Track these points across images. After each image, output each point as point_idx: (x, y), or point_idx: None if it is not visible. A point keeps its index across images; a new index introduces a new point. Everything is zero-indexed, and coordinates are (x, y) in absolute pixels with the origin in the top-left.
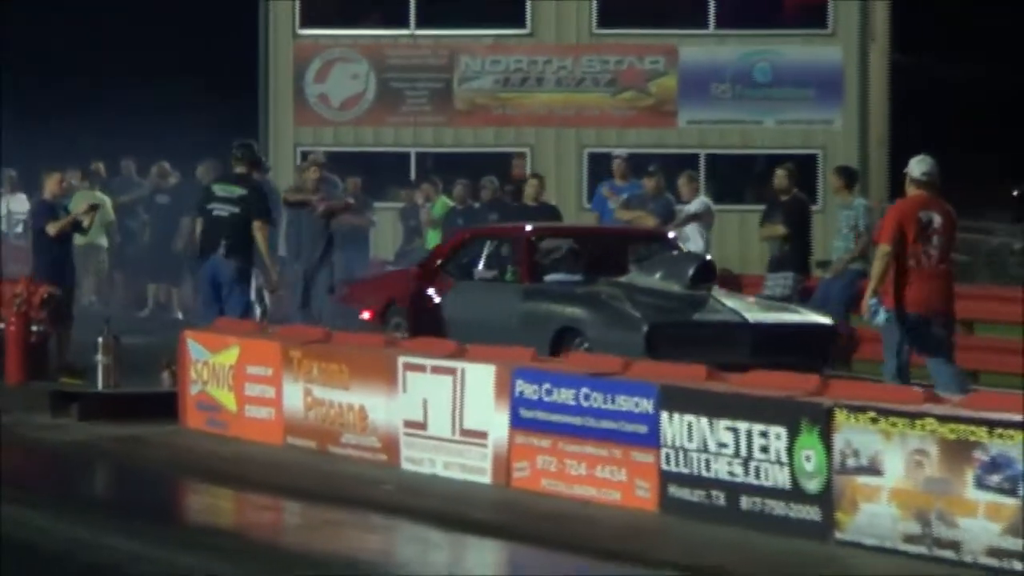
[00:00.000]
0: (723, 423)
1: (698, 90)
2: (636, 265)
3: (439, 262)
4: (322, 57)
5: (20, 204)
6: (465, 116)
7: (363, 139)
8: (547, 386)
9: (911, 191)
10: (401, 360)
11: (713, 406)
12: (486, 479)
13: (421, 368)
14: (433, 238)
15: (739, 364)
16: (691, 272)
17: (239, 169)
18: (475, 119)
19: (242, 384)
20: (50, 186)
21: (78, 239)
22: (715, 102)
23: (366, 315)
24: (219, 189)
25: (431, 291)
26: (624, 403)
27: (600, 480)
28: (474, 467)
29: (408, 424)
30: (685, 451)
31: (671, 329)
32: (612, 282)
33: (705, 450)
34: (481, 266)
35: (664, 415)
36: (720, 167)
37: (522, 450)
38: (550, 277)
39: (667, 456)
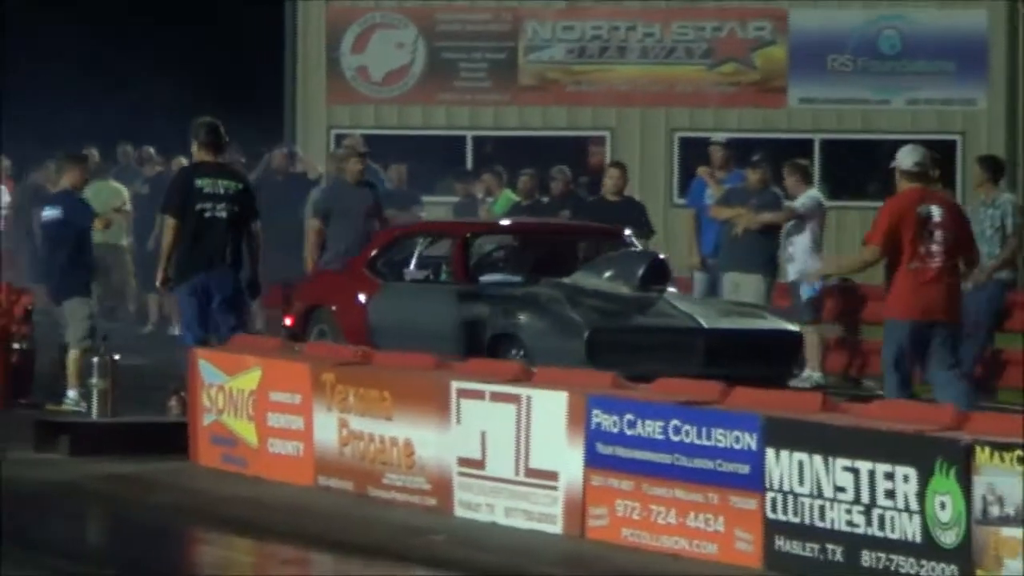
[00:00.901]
0: (840, 462)
1: (812, 63)
2: (584, 265)
3: (367, 262)
4: (361, 22)
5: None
6: (532, 93)
7: (410, 120)
8: (629, 417)
9: (903, 185)
10: (455, 385)
11: (829, 442)
12: (556, 528)
13: (479, 395)
14: None
15: (693, 373)
16: (641, 272)
17: (206, 156)
18: (544, 97)
19: (264, 413)
20: (72, 177)
21: (96, 237)
22: (832, 77)
23: (287, 321)
24: (206, 184)
25: (358, 294)
26: (722, 438)
27: (693, 530)
28: (542, 514)
29: (463, 462)
30: (795, 496)
31: (615, 335)
32: (554, 283)
33: (819, 495)
34: (412, 267)
35: (770, 452)
36: (838, 155)
37: (599, 493)
38: (486, 278)
39: (773, 502)
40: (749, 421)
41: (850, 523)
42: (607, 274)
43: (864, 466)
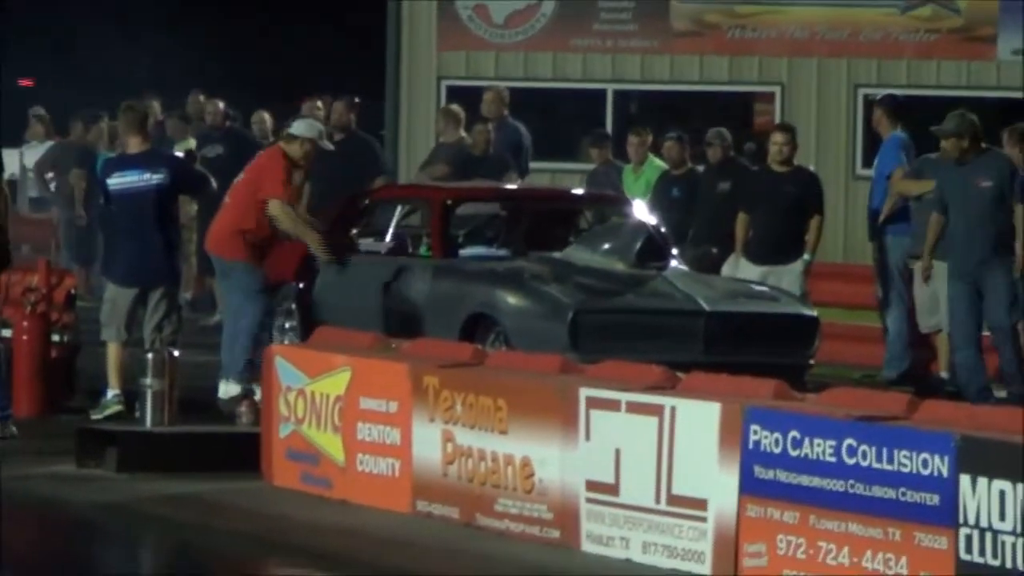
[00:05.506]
0: None
1: None
2: (578, 238)
3: (335, 231)
4: None
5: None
6: (686, 40)
7: (538, 70)
8: (794, 434)
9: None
10: (584, 393)
11: None
12: (704, 568)
13: (613, 405)
14: None
15: (691, 361)
16: (638, 246)
17: None
18: (701, 44)
19: (353, 424)
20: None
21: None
22: None
23: None
24: None
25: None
26: (907, 461)
27: (870, 572)
28: (687, 550)
29: (592, 486)
30: (994, 533)
31: (602, 317)
32: (542, 258)
33: (1022, 533)
34: (387, 237)
35: (964, 480)
36: None
37: (757, 526)
38: (467, 251)
39: (967, 539)
40: (940, 441)
41: None
42: (603, 248)
43: None
